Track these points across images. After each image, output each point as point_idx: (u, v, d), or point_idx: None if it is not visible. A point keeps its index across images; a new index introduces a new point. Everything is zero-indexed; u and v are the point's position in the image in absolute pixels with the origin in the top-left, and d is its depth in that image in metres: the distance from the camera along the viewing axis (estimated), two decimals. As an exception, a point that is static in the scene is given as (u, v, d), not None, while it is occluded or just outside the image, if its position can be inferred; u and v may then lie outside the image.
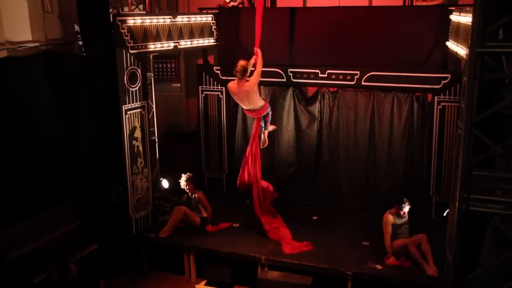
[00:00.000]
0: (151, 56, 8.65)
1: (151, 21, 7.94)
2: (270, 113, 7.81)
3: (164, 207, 8.96)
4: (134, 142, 7.98)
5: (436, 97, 8.15)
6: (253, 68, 7.47)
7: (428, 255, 6.90)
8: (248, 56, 9.09)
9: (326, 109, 8.92)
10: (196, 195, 8.31)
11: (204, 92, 9.56)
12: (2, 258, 6.63)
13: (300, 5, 9.49)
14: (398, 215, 7.22)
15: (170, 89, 9.41)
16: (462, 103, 5.69)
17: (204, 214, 8.30)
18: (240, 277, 7.65)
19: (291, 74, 8.89)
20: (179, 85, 9.45)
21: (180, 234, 8.12)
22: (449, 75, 7.97)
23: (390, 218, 7.24)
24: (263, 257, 7.36)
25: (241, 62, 7.37)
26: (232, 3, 9.29)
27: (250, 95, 7.43)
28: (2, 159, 7.01)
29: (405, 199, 7.17)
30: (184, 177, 8.28)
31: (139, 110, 8.02)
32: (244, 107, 7.72)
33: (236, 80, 7.39)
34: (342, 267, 7.02)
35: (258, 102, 7.53)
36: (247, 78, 7.35)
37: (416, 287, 6.76)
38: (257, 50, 7.51)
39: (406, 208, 7.15)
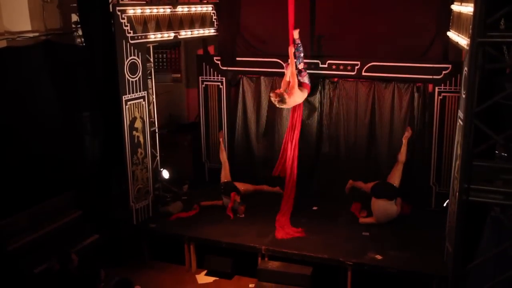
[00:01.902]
0: (151, 46, 8.62)
1: (151, 11, 7.91)
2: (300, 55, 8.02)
3: (165, 198, 8.97)
4: (134, 132, 7.97)
5: (436, 88, 8.13)
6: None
7: None
8: (248, 47, 9.15)
9: (326, 100, 8.90)
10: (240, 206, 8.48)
11: (204, 83, 9.54)
12: (3, 248, 6.65)
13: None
14: None
15: (170, 80, 9.39)
16: (463, 94, 5.68)
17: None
18: (240, 267, 7.69)
19: (291, 65, 8.86)
20: (179, 75, 9.43)
21: (181, 224, 8.14)
22: (450, 66, 7.95)
23: None
24: (263, 247, 7.37)
25: (273, 95, 7.71)
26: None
27: (295, 97, 7.84)
28: (2, 150, 7.01)
29: None
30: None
31: (139, 100, 8.00)
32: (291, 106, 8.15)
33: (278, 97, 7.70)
34: (342, 257, 7.03)
35: (303, 95, 8.00)
36: (287, 96, 7.68)
37: (416, 277, 6.78)
38: (290, 49, 7.79)
39: None
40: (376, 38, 8.34)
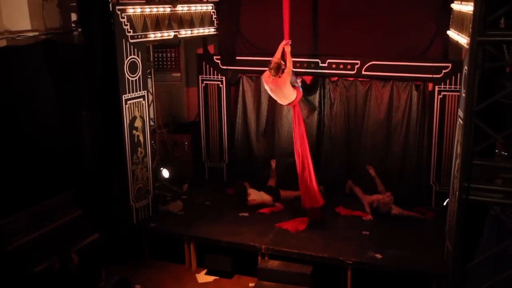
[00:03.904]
0: (151, 46, 8.62)
1: (151, 10, 7.91)
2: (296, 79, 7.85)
3: (165, 197, 8.98)
4: (134, 131, 7.97)
5: (436, 87, 8.13)
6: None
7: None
8: (248, 46, 9.15)
9: (326, 99, 8.91)
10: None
11: (204, 82, 9.54)
12: (3, 247, 6.64)
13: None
14: None
15: (170, 79, 9.39)
16: (463, 92, 5.68)
17: None
18: (240, 266, 7.69)
19: (291, 64, 8.86)
20: (179, 74, 9.42)
21: (181, 223, 8.15)
22: (450, 64, 7.96)
23: None
24: (263, 247, 7.38)
25: (275, 59, 7.39)
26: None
27: (283, 91, 7.50)
28: (2, 149, 7.01)
29: None
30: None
31: (139, 99, 8.00)
32: (282, 103, 7.85)
33: (269, 74, 7.40)
34: (342, 256, 7.04)
35: (292, 95, 7.58)
36: (280, 75, 7.38)
37: (415, 276, 6.78)
38: (286, 47, 7.62)
39: None
40: (376, 37, 8.33)
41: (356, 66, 8.50)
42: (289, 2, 7.58)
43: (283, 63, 7.46)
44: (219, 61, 9.36)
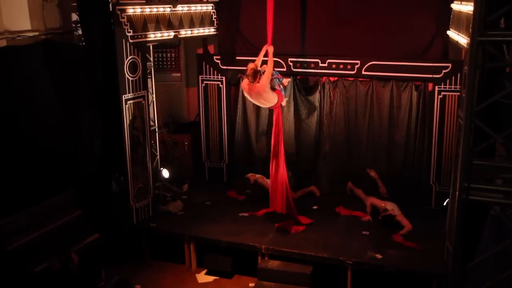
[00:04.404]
0: (151, 46, 8.62)
1: (151, 10, 7.91)
2: (281, 81, 7.67)
3: (165, 197, 8.98)
4: (134, 131, 7.97)
5: (436, 87, 8.13)
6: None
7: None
8: (248, 46, 9.14)
9: (326, 99, 8.90)
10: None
11: (204, 82, 9.54)
12: (3, 247, 6.64)
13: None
14: None
15: (170, 79, 9.40)
16: (463, 92, 5.68)
17: None
18: (240, 266, 7.69)
19: (291, 64, 8.86)
20: (179, 74, 9.43)
21: (181, 223, 8.14)
22: (450, 65, 7.96)
23: None
24: (263, 247, 7.37)
25: (251, 65, 7.26)
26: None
27: (263, 96, 7.36)
28: (2, 149, 7.00)
29: None
30: None
31: (139, 99, 8.00)
32: (262, 106, 7.82)
33: (247, 81, 7.29)
34: (342, 256, 7.04)
35: (272, 99, 7.46)
36: (258, 80, 7.23)
37: (416, 276, 6.78)
38: (269, 49, 7.51)
39: None
40: (376, 37, 8.34)
41: (356, 66, 8.50)
42: (273, 8, 7.47)
43: (260, 68, 7.32)
44: (219, 61, 9.35)
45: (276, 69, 8.76)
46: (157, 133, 8.90)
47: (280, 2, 7.84)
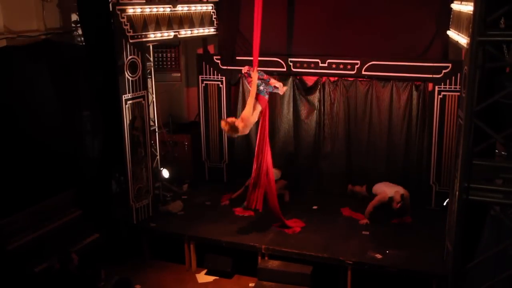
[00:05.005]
0: (151, 46, 8.62)
1: (150, 10, 7.91)
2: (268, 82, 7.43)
3: (165, 197, 8.98)
4: (134, 132, 7.97)
5: (436, 87, 8.13)
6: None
7: None
8: (248, 46, 9.12)
9: (326, 99, 8.90)
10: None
11: (204, 82, 9.55)
12: (3, 247, 6.64)
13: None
14: None
15: (170, 79, 9.40)
16: (463, 92, 5.68)
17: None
18: (240, 266, 7.69)
19: (291, 64, 8.86)
20: (179, 74, 9.43)
21: (181, 223, 8.14)
22: (449, 65, 7.96)
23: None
24: (263, 247, 7.37)
25: (223, 124, 7.01)
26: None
27: (251, 120, 7.23)
28: (2, 149, 7.01)
29: None
30: None
31: (139, 100, 8.00)
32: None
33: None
34: (342, 256, 7.04)
35: (258, 112, 7.35)
36: (238, 130, 7.02)
37: (416, 276, 6.78)
38: (253, 74, 7.21)
39: None
40: (376, 37, 8.34)
41: (356, 66, 8.50)
42: (260, 28, 7.22)
43: (235, 120, 7.04)
44: (219, 61, 9.35)
45: (276, 69, 8.86)
46: (157, 133, 8.90)
47: (280, 2, 7.84)
